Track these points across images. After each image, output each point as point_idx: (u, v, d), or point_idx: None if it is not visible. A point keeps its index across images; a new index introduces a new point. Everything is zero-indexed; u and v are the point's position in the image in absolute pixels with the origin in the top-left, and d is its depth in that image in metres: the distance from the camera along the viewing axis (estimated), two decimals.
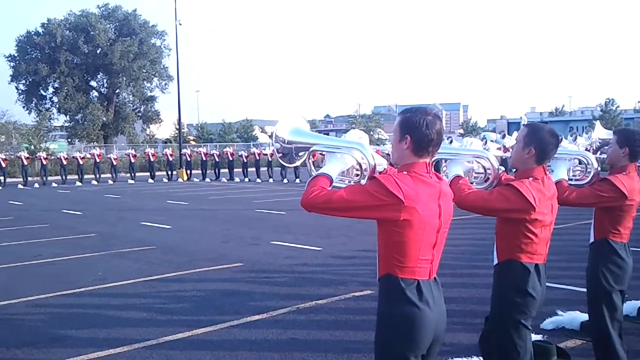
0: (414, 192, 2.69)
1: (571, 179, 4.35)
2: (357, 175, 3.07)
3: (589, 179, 4.32)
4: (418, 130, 2.75)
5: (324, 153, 3.14)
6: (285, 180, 29.36)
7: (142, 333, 5.96)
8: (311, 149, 3.12)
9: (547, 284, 3.66)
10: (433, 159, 2.90)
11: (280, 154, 3.17)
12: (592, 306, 4.31)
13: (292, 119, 3.14)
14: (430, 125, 2.76)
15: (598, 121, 16.06)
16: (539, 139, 3.44)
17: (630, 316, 5.76)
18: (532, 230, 3.37)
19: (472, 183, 3.67)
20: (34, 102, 58.05)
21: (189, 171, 34.59)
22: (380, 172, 2.96)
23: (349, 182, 3.06)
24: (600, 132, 7.45)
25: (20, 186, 30.26)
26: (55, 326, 6.34)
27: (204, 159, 34.53)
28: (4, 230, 13.89)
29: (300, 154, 3.16)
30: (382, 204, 2.68)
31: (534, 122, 3.68)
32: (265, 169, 32.33)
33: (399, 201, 2.66)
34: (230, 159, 33.55)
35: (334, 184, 2.89)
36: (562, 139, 4.05)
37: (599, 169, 4.41)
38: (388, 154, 3.73)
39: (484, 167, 3.74)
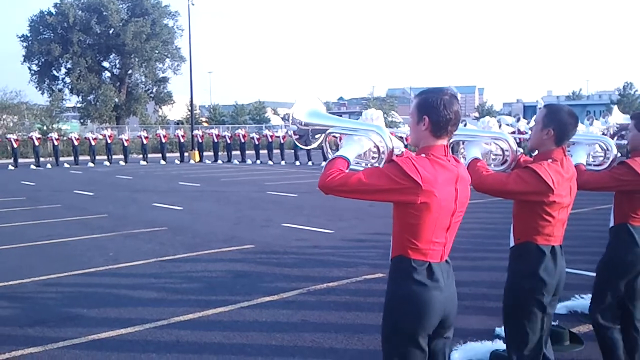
0: (432, 175, 2.67)
1: (590, 164, 4.28)
2: (374, 158, 3.04)
3: (607, 164, 4.25)
4: (436, 111, 2.73)
5: (338, 135, 3.11)
6: (297, 163, 29.34)
7: (153, 313, 5.97)
8: (328, 131, 3.09)
9: None
10: (451, 141, 2.86)
11: (297, 136, 3.14)
12: (597, 291, 4.25)
13: (308, 101, 3.11)
14: (448, 105, 2.73)
15: (616, 106, 15.84)
16: (558, 119, 3.38)
17: None
18: (550, 213, 3.33)
19: (489, 165, 3.63)
20: (46, 83, 58.17)
21: (200, 153, 34.62)
22: (397, 155, 2.93)
23: (366, 164, 3.03)
24: (618, 117, 7.33)
25: (32, 167, 30.41)
26: (66, 305, 6.36)
27: (216, 140, 34.54)
28: (17, 210, 13.97)
29: (317, 136, 3.13)
30: (400, 187, 2.66)
31: (552, 103, 3.61)
32: (277, 151, 32.31)
33: (417, 185, 2.64)
34: (242, 140, 33.54)
35: (351, 166, 2.87)
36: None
37: (618, 154, 4.34)
38: (401, 137, 3.67)
39: (502, 149, 3.69)
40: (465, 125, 4.31)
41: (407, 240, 2.74)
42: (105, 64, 60.91)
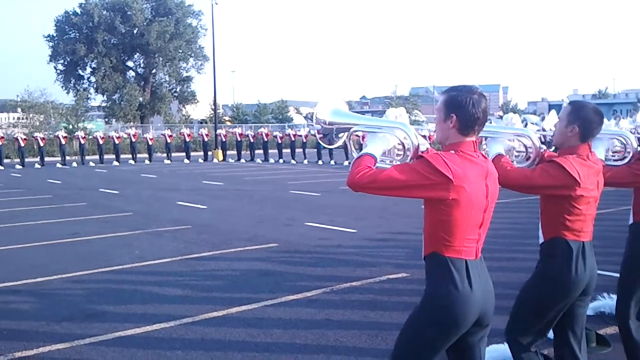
0: (463, 171, 2.66)
1: (609, 159, 4.23)
2: (399, 155, 3.03)
3: (627, 159, 4.19)
4: (464, 109, 2.71)
5: (360, 134, 3.11)
6: (320, 162, 29.34)
7: (179, 310, 6.01)
8: (352, 130, 3.09)
9: None
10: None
11: (321, 135, 3.14)
12: (623, 291, 4.20)
13: (332, 100, 3.12)
14: (477, 103, 2.72)
15: None
16: (583, 117, 3.35)
17: None
18: (577, 207, 3.29)
19: (513, 162, 3.60)
20: (72, 82, 58.86)
21: (224, 152, 34.78)
22: (422, 152, 2.92)
23: (391, 161, 3.02)
24: None
25: (58, 165, 30.76)
26: (92, 302, 6.43)
27: (239, 139, 34.69)
28: (43, 209, 14.15)
29: (340, 135, 3.13)
30: (431, 183, 2.65)
31: (577, 100, 3.57)
32: (300, 150, 32.34)
33: (448, 180, 2.63)
34: (265, 139, 33.64)
35: (377, 164, 2.86)
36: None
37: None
38: (424, 136, 3.66)
39: (525, 146, 3.67)
40: (490, 123, 4.28)
41: (441, 237, 2.72)
42: (130, 63, 61.51)
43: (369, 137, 2.97)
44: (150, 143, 34.10)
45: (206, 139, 34.74)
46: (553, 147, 3.67)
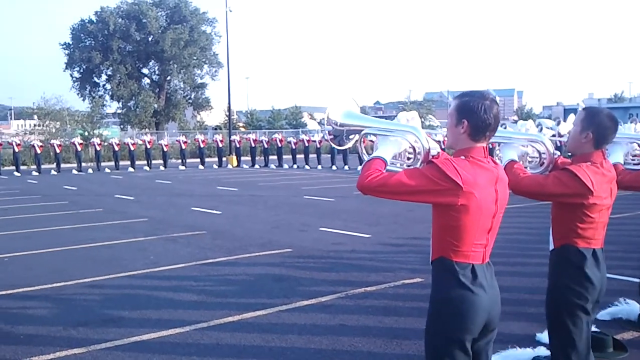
0: (472, 177, 2.67)
1: (629, 163, 4.21)
2: (409, 158, 3.03)
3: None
4: (476, 115, 2.72)
5: (370, 138, 3.11)
6: (334, 167, 29.32)
7: (194, 315, 6.04)
8: (363, 132, 3.09)
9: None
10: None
11: (332, 136, 3.15)
12: None
13: (344, 102, 3.12)
14: (489, 110, 2.73)
15: None
16: (597, 123, 3.34)
17: None
18: (590, 215, 3.27)
19: (526, 167, 3.59)
20: (87, 89, 59.24)
21: (238, 157, 34.88)
22: (434, 156, 2.92)
23: (401, 165, 3.02)
24: None
25: (74, 171, 30.95)
26: (108, 307, 6.47)
27: (253, 145, 34.75)
28: (60, 214, 14.26)
29: (351, 136, 3.14)
30: (440, 188, 2.66)
31: (592, 106, 3.56)
32: (314, 155, 32.36)
33: (457, 186, 2.64)
34: (279, 145, 33.68)
35: (387, 167, 2.86)
36: (620, 124, 3.92)
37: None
38: (438, 141, 3.66)
39: (538, 152, 3.66)
40: (505, 128, 4.28)
41: (449, 242, 2.73)
42: (145, 70, 61.83)
43: (380, 140, 2.98)
44: (165, 149, 34.26)
45: (220, 145, 34.86)
46: (569, 153, 3.66)
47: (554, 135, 12.66)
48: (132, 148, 33.16)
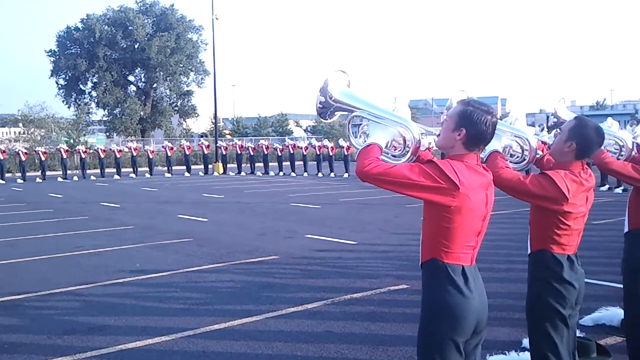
0: (467, 179, 2.73)
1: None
2: (397, 148, 3.06)
3: (624, 158, 4.28)
4: (477, 127, 2.78)
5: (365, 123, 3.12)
6: (320, 174, 29.38)
7: (180, 323, 6.03)
8: (354, 114, 3.11)
9: (587, 280, 3.59)
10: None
11: (321, 106, 3.16)
12: (629, 300, 4.22)
13: (345, 81, 3.13)
14: (489, 125, 2.80)
15: None
16: (583, 135, 3.35)
17: None
18: (566, 222, 3.31)
19: (507, 161, 3.62)
20: (73, 97, 58.94)
21: (224, 165, 34.84)
22: (422, 152, 3.00)
23: (386, 154, 3.04)
24: None
25: (60, 179, 30.81)
26: (94, 315, 6.44)
27: (239, 152, 34.76)
28: (45, 222, 14.18)
29: (337, 113, 3.16)
30: (439, 186, 2.70)
31: (583, 117, 3.56)
32: (300, 162, 32.40)
33: (455, 187, 2.69)
34: (265, 152, 33.71)
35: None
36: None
37: (635, 153, 4.36)
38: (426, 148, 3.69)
39: (521, 147, 3.70)
40: None
41: (441, 243, 2.77)
42: (131, 78, 61.63)
43: (372, 127, 3.00)
44: (151, 156, 34.19)
45: (206, 152, 34.81)
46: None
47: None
48: (118, 155, 33.06)
